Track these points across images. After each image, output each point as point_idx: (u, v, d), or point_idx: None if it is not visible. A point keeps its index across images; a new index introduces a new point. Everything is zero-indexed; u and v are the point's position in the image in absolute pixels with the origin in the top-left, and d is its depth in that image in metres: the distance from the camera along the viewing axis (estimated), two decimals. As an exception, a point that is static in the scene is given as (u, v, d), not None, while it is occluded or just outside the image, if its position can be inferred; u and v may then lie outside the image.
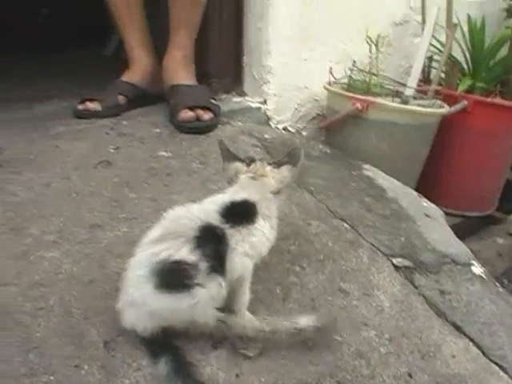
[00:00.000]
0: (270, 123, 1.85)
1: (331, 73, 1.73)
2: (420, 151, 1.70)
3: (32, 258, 0.97)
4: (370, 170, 1.55)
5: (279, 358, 0.84)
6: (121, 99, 1.68)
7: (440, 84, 1.90)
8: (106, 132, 1.48)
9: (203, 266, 0.76)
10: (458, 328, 1.00)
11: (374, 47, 1.63)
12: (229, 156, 0.93)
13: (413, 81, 1.65)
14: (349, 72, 1.70)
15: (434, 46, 1.94)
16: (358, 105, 1.56)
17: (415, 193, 1.47)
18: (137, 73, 1.75)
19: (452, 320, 1.02)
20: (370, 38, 1.60)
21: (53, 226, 1.05)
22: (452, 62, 1.96)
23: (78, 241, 1.02)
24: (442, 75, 1.96)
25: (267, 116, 1.84)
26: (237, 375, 0.79)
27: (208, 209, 0.83)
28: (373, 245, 1.18)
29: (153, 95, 1.80)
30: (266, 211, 0.86)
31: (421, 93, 1.74)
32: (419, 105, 1.62)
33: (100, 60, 2.99)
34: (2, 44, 3.52)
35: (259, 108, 1.83)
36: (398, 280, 1.09)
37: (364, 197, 1.38)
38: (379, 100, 1.58)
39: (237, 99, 1.90)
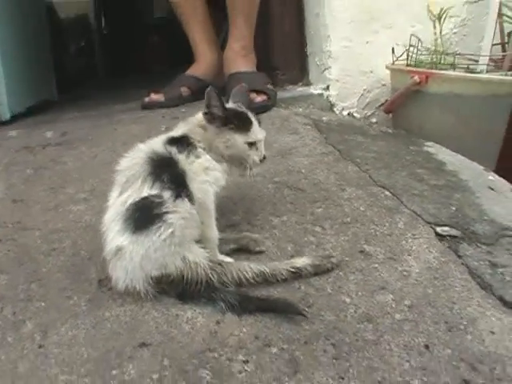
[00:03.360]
0: (334, 110, 1.79)
1: (393, 52, 1.63)
2: (494, 129, 1.48)
3: (61, 211, 1.05)
4: (432, 147, 1.40)
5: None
6: (184, 91, 1.77)
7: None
8: (163, 115, 1.57)
9: (167, 194, 0.76)
10: (505, 303, 0.83)
11: (437, 25, 1.50)
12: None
13: (483, 53, 1.47)
14: (411, 49, 1.58)
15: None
16: (416, 77, 1.44)
17: (481, 167, 1.28)
18: (201, 67, 1.83)
19: (500, 294, 0.84)
20: (431, 12, 1.48)
21: (87, 186, 1.14)
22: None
23: (105, 198, 1.08)
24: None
25: (330, 102, 1.78)
26: (217, 322, 0.75)
27: (151, 145, 0.86)
28: (415, 212, 1.05)
29: (218, 88, 1.86)
30: (200, 143, 0.87)
31: (495, 68, 1.53)
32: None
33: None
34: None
35: (321, 94, 1.78)
36: (437, 248, 0.95)
37: (416, 169, 1.25)
38: (439, 71, 1.43)
39: (301, 88, 1.88)
